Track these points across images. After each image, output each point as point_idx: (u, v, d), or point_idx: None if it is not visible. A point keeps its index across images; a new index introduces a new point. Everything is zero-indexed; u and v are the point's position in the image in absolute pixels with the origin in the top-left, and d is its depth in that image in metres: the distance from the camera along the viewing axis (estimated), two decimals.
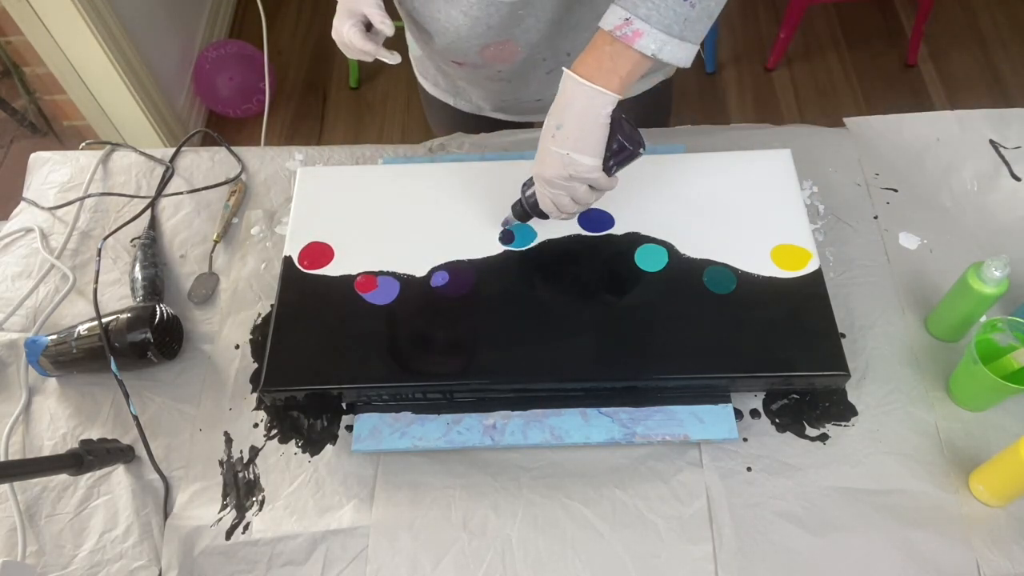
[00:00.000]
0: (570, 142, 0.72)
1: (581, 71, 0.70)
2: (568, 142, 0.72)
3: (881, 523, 0.77)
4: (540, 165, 0.76)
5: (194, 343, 0.93)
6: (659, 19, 0.66)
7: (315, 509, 0.81)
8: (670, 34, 0.67)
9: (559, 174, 0.74)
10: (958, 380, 0.82)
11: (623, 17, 0.67)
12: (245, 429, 0.87)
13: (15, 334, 0.96)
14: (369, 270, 0.89)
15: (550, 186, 0.76)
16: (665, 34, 0.66)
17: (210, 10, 2.38)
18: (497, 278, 0.88)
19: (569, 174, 0.74)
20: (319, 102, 2.36)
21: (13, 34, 1.81)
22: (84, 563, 0.80)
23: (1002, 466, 0.74)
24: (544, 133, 0.74)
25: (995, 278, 0.78)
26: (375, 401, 0.84)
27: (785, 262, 0.87)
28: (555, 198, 0.78)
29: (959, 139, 1.04)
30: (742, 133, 1.06)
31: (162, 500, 0.83)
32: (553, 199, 0.78)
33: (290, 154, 1.10)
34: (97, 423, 0.89)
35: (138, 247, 0.99)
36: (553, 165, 0.74)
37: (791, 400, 0.84)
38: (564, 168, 0.73)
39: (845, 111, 1.37)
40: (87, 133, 2.06)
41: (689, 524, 0.77)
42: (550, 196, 0.78)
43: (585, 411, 0.83)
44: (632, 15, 0.66)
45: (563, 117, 0.72)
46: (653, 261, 0.88)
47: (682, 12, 0.66)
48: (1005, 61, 2.28)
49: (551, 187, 0.76)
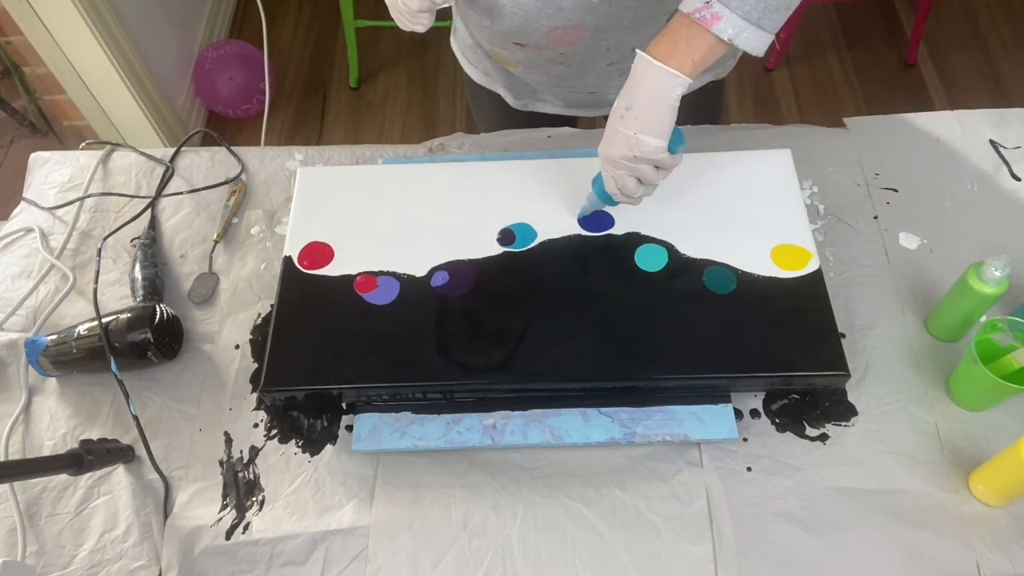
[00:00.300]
0: (638, 123, 0.72)
1: (654, 52, 0.71)
2: (636, 123, 0.73)
3: (881, 523, 0.77)
4: (606, 145, 0.77)
5: (194, 343, 0.93)
6: (739, 4, 0.67)
7: (315, 509, 0.81)
8: (748, 20, 0.67)
9: (624, 154, 0.75)
10: (958, 380, 0.82)
11: (704, 0, 0.68)
12: (245, 429, 0.87)
13: (15, 334, 0.96)
14: (369, 270, 0.89)
15: (615, 167, 0.77)
16: (744, 20, 0.67)
17: (210, 10, 2.38)
18: (497, 278, 0.88)
19: (635, 155, 0.74)
20: (319, 102, 2.36)
21: (13, 34, 1.81)
22: (84, 563, 0.80)
23: (1002, 466, 0.74)
24: (612, 114, 0.75)
25: (995, 278, 0.78)
26: (375, 401, 0.84)
27: (785, 262, 0.87)
28: (619, 179, 0.78)
29: (959, 139, 1.04)
30: (742, 133, 1.06)
31: (162, 500, 0.83)
32: (618, 180, 0.78)
33: (290, 154, 1.10)
34: (97, 423, 0.89)
35: (138, 247, 0.99)
36: (619, 145, 0.75)
37: (791, 400, 0.84)
38: (630, 149, 0.74)
39: (845, 111, 1.37)
40: (87, 133, 2.06)
41: (689, 524, 0.77)
42: (614, 177, 0.78)
43: (585, 411, 0.83)
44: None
45: (632, 98, 0.72)
46: (653, 261, 0.88)
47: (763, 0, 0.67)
48: (1005, 61, 2.28)
49: (616, 168, 0.77)
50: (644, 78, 0.72)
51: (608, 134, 0.76)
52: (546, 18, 0.84)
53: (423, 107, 2.33)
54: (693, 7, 0.68)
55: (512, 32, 0.88)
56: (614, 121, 0.75)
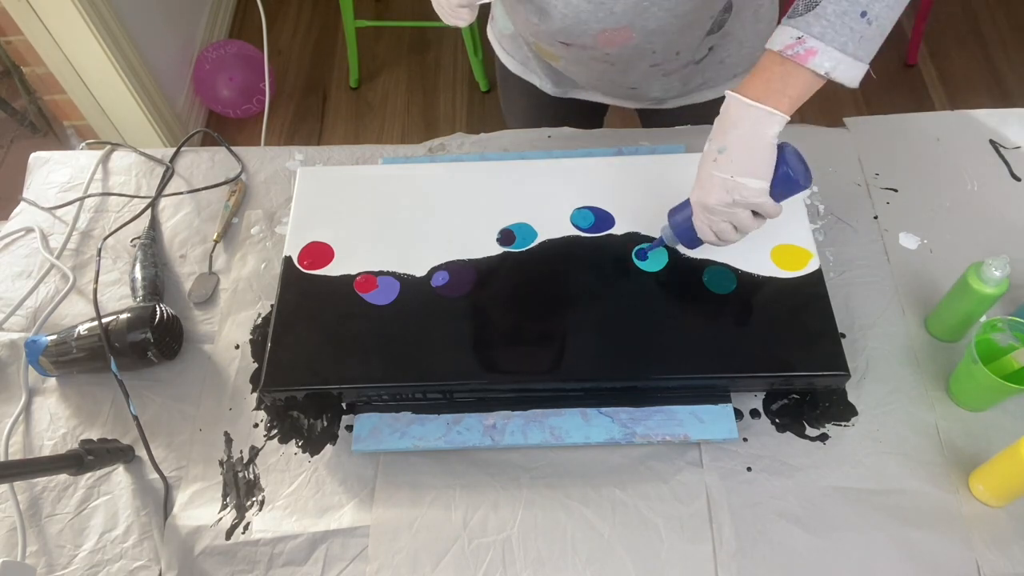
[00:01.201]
0: (735, 165, 0.70)
1: (748, 93, 0.69)
2: (732, 166, 0.70)
3: (881, 523, 0.77)
4: (701, 191, 0.73)
5: (194, 343, 0.93)
6: (834, 37, 0.65)
7: (315, 509, 0.81)
8: (844, 52, 0.65)
9: (722, 200, 0.72)
10: (958, 380, 0.82)
11: (795, 36, 0.66)
12: (245, 429, 0.87)
13: (15, 334, 0.96)
14: (369, 270, 0.89)
15: (710, 213, 0.73)
16: (840, 52, 0.65)
17: (210, 10, 2.38)
18: (497, 278, 0.88)
19: (733, 199, 0.71)
20: (319, 102, 2.36)
21: (13, 34, 1.81)
22: (84, 563, 0.80)
23: (1002, 466, 0.74)
24: (704, 158, 0.72)
25: (995, 278, 0.78)
26: (375, 401, 0.84)
27: (785, 262, 0.87)
28: (715, 225, 0.75)
29: (959, 139, 1.04)
30: None
31: (162, 500, 0.83)
32: (712, 227, 0.75)
33: (290, 154, 1.10)
34: (97, 423, 0.89)
35: (138, 247, 0.99)
36: (715, 191, 0.72)
37: (791, 400, 0.84)
38: (728, 193, 0.71)
39: (845, 111, 1.36)
40: (87, 133, 2.06)
41: (689, 524, 0.77)
42: (709, 223, 0.75)
43: (585, 411, 0.83)
44: (805, 34, 0.65)
45: (727, 140, 0.70)
46: (653, 261, 0.88)
47: (858, 30, 0.65)
48: (1005, 61, 2.28)
49: (711, 214, 0.74)
50: (739, 119, 0.69)
51: (703, 179, 0.73)
52: (596, 21, 0.83)
53: (423, 107, 2.33)
54: (784, 44, 0.66)
55: (560, 32, 0.87)
56: (707, 166, 0.72)
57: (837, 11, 0.65)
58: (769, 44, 0.68)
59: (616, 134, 1.08)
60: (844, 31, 0.65)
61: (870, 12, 0.65)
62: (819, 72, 0.66)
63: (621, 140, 1.07)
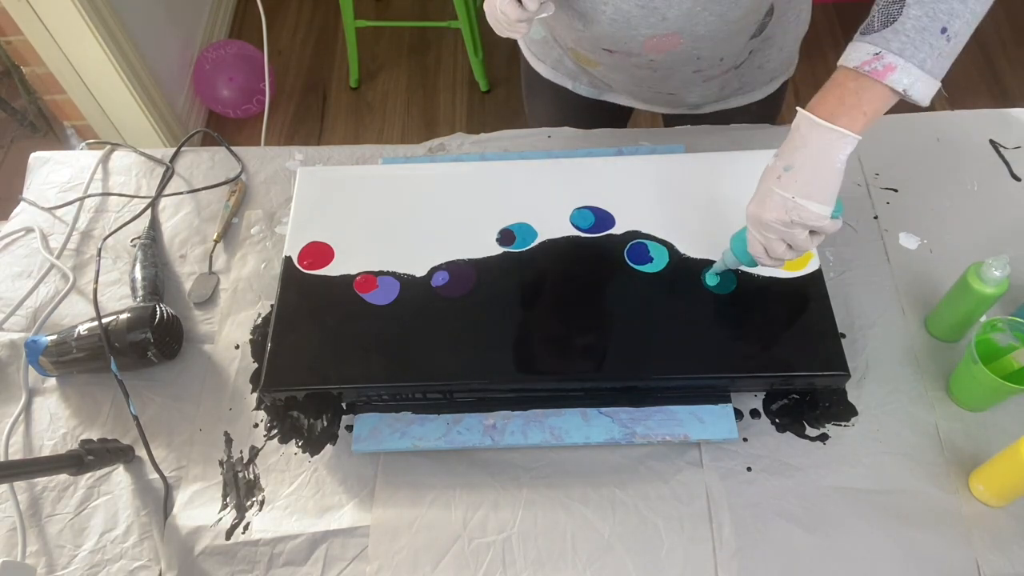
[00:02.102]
0: (798, 185, 0.68)
1: (819, 111, 0.67)
2: (795, 185, 0.68)
3: (881, 523, 0.77)
4: (759, 207, 0.71)
5: (194, 343, 0.93)
6: (914, 53, 0.64)
7: (315, 509, 0.81)
8: (923, 69, 0.64)
9: (779, 218, 0.70)
10: (958, 380, 0.82)
11: (872, 52, 0.65)
12: (245, 429, 0.87)
13: (15, 334, 0.96)
14: (369, 270, 0.89)
15: (764, 229, 0.72)
16: (919, 69, 0.64)
17: (210, 10, 2.38)
18: (497, 278, 0.88)
19: (791, 219, 0.69)
20: (319, 102, 2.36)
21: (13, 34, 1.81)
22: (84, 563, 0.80)
23: (1002, 466, 0.74)
24: (768, 174, 0.71)
25: (995, 278, 0.78)
26: (375, 401, 0.84)
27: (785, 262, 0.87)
28: (768, 243, 0.73)
29: (959, 139, 1.04)
30: (742, 133, 1.06)
31: (162, 500, 0.83)
32: (766, 244, 0.73)
33: (290, 154, 1.10)
34: (97, 423, 0.89)
35: (138, 247, 0.99)
36: (774, 208, 0.70)
37: (791, 400, 0.84)
38: (787, 213, 0.69)
39: None
40: (87, 133, 2.06)
41: (689, 524, 0.77)
42: (762, 241, 0.73)
43: (585, 411, 0.83)
44: (883, 50, 0.64)
45: (794, 159, 0.68)
46: (653, 262, 0.88)
47: (937, 46, 0.64)
48: (1005, 61, 2.28)
49: (766, 231, 0.72)
50: (808, 138, 0.67)
51: (762, 195, 0.71)
52: (647, 27, 0.82)
53: (423, 107, 2.33)
54: (861, 60, 0.65)
55: (605, 38, 0.85)
56: (769, 181, 0.70)
57: (917, 27, 0.64)
58: (843, 61, 0.67)
59: (616, 134, 1.08)
60: (924, 47, 0.64)
61: (950, 29, 0.64)
62: (896, 89, 0.65)
63: (621, 140, 1.07)
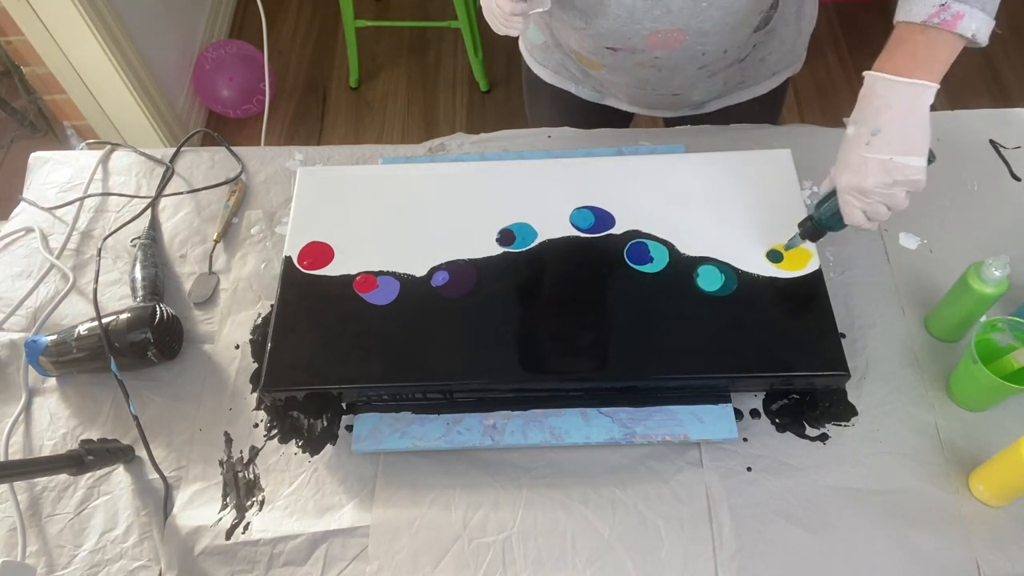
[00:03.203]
0: (893, 146, 0.69)
1: (893, 69, 0.69)
2: (890, 146, 0.69)
3: (881, 523, 0.77)
4: (857, 176, 0.72)
5: (194, 343, 0.93)
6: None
7: (315, 509, 0.81)
8: (985, 11, 0.68)
9: (882, 181, 0.70)
10: (958, 380, 0.82)
11: (937, 4, 0.67)
12: (245, 429, 0.87)
13: (15, 334, 0.96)
14: (369, 270, 0.89)
15: (866, 196, 0.72)
16: (982, 12, 0.68)
17: (210, 10, 2.38)
18: (497, 278, 0.88)
19: (894, 179, 0.70)
20: (319, 102, 2.36)
21: (13, 34, 1.81)
22: (84, 563, 0.80)
23: (1002, 466, 0.74)
24: (853, 142, 0.72)
25: (995, 278, 0.78)
26: (375, 401, 0.84)
27: (785, 262, 0.87)
28: (869, 207, 0.74)
29: (959, 139, 1.04)
30: (742, 133, 1.06)
31: (162, 500, 0.83)
32: (866, 209, 0.74)
33: (290, 154, 1.10)
34: (97, 423, 0.89)
35: (138, 247, 0.99)
36: (876, 173, 0.70)
37: (791, 400, 0.84)
38: (888, 174, 0.70)
39: (845, 111, 1.36)
40: (87, 133, 2.06)
41: (689, 524, 0.77)
42: (862, 207, 0.74)
43: (585, 411, 0.83)
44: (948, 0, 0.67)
45: (879, 121, 0.69)
46: (654, 262, 0.88)
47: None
48: (1005, 61, 2.28)
49: (867, 196, 0.72)
50: (890, 98, 0.69)
51: (856, 163, 0.71)
52: (651, 20, 0.82)
53: (423, 107, 2.33)
54: (927, 14, 0.67)
55: (609, 34, 0.86)
56: (859, 149, 0.71)
57: None
58: (904, 17, 0.69)
59: (616, 134, 1.08)
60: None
61: None
62: (965, 35, 0.67)
63: (621, 140, 1.07)
